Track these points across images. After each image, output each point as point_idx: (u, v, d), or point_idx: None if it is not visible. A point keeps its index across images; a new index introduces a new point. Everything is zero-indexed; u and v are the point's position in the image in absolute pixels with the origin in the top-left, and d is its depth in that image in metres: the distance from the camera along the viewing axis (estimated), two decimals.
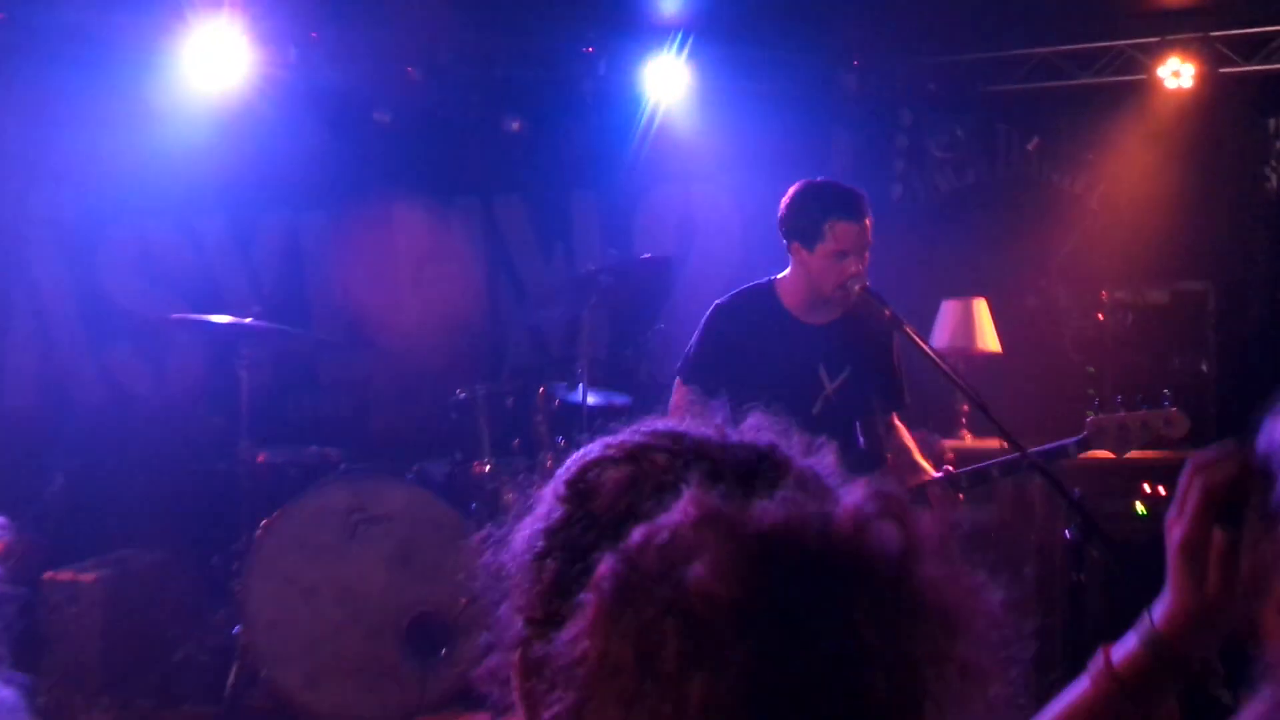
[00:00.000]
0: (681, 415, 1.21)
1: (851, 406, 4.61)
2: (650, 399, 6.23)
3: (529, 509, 1.19)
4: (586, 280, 6.38)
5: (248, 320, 6.43)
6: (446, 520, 6.21)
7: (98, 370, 7.84)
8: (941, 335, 7.26)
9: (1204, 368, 7.22)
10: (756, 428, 1.21)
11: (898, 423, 4.76)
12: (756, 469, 1.14)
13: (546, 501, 1.19)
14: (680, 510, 1.04)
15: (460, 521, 6.22)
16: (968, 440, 7.10)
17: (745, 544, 1.00)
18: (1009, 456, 4.09)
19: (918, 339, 4.23)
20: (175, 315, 6.78)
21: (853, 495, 1.06)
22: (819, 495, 1.08)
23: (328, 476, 6.43)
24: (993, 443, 5.81)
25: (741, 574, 0.98)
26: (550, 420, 6.59)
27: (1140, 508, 5.92)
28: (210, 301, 7.23)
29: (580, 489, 1.16)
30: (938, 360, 4.15)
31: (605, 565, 1.03)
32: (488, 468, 6.61)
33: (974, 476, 4.32)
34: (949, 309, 7.35)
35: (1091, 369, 7.32)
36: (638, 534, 1.03)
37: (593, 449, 1.21)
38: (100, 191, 7.47)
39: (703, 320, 4.69)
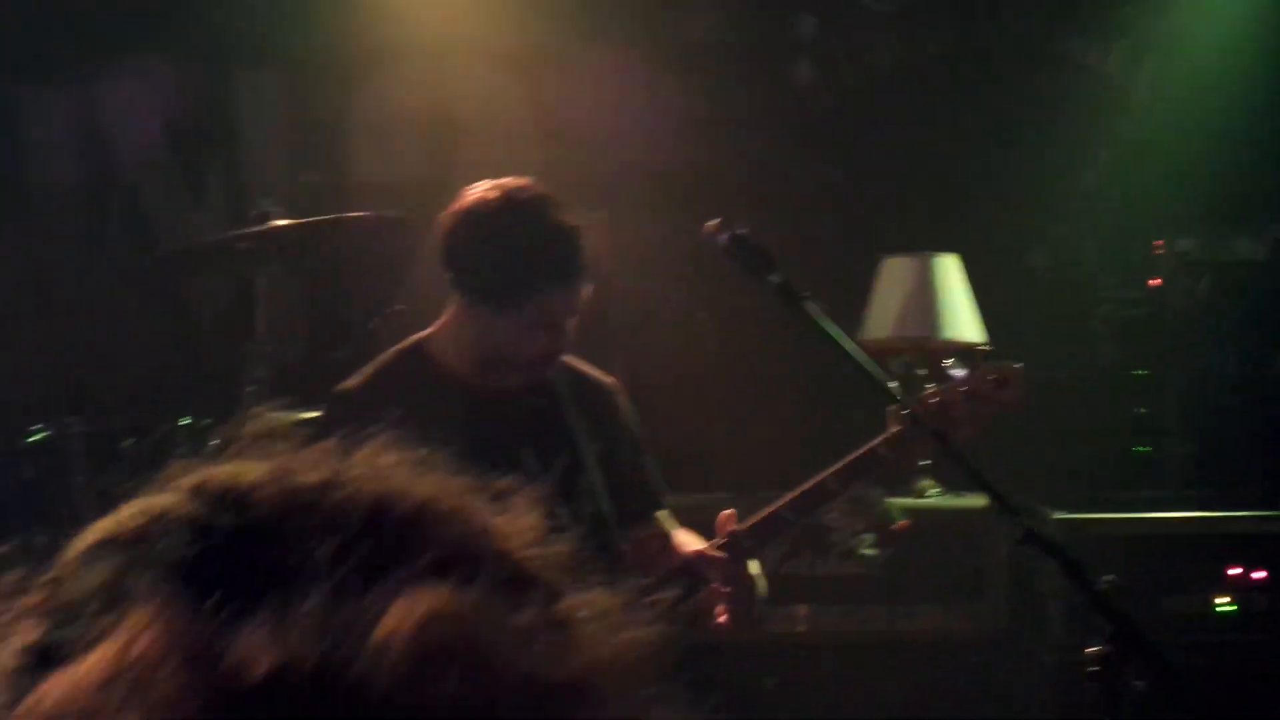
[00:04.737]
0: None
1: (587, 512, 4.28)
2: None
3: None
4: (262, 229, 5.22)
5: None
6: None
7: None
8: (881, 318, 6.24)
9: None
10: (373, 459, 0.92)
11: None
12: (299, 549, 0.85)
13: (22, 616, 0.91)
14: (120, 635, 0.81)
15: None
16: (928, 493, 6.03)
17: (213, 697, 0.79)
18: (806, 485, 4.06)
19: (831, 330, 3.97)
20: None
21: (404, 614, 0.81)
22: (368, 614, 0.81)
23: None
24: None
25: None
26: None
27: (1223, 602, 5.45)
28: None
29: (56, 595, 0.89)
30: (861, 360, 3.99)
31: None
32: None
33: (762, 527, 4.17)
34: (894, 272, 6.30)
35: (1142, 371, 6.73)
36: (52, 683, 0.81)
37: (108, 519, 0.91)
38: None
39: (321, 422, 4.16)
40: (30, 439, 5.31)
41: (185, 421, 5.30)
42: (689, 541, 4.41)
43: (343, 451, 0.95)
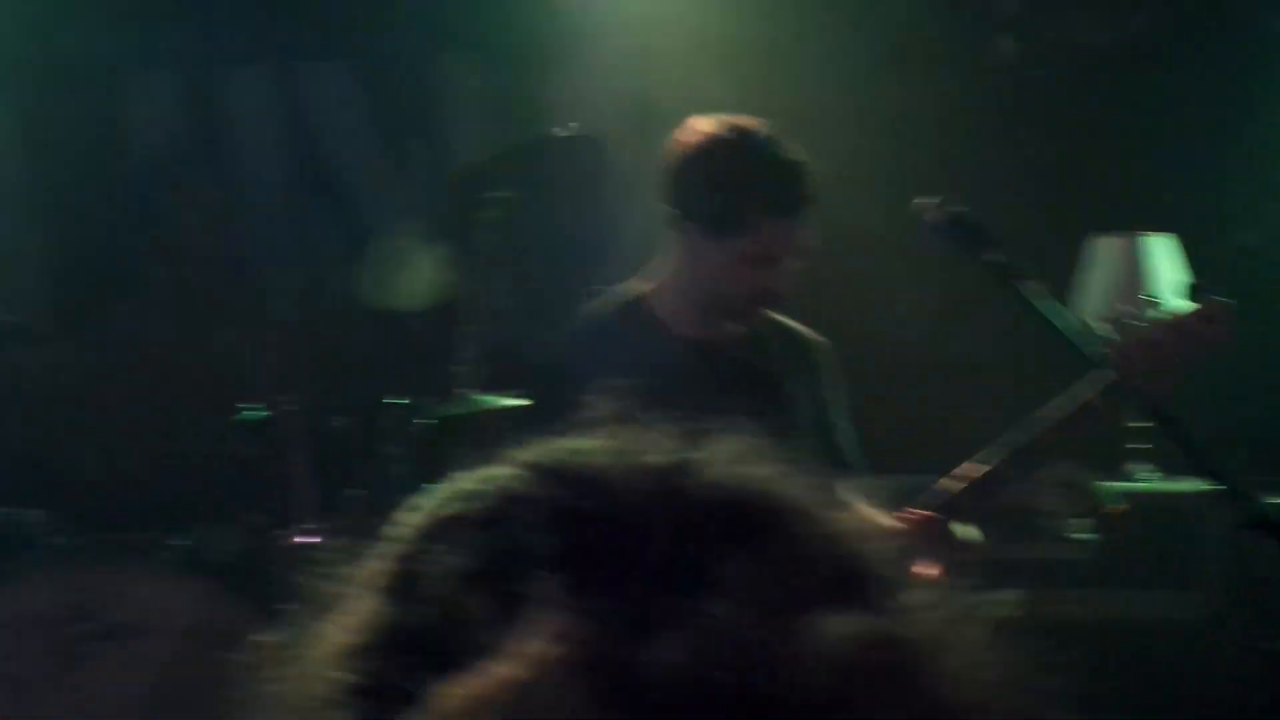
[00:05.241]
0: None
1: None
2: None
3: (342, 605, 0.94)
4: (471, 197, 5.26)
5: None
6: (237, 634, 4.70)
7: None
8: (1091, 299, 6.16)
9: None
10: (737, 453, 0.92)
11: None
12: (706, 544, 0.85)
13: (360, 597, 0.93)
14: (528, 648, 0.81)
15: (266, 635, 4.35)
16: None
17: (631, 703, 0.78)
18: (1020, 441, 3.95)
19: (1049, 309, 3.85)
20: None
21: (840, 623, 0.81)
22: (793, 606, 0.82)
23: (23, 558, 5.20)
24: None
25: None
26: (414, 452, 5.33)
27: None
28: None
29: (407, 577, 0.90)
30: (1079, 343, 3.85)
31: None
32: (307, 538, 5.23)
33: (979, 490, 4.08)
34: (1105, 252, 6.22)
35: None
36: (448, 691, 0.81)
37: (442, 498, 0.94)
38: None
39: (539, 365, 4.42)
40: (246, 418, 5.40)
41: (397, 401, 5.32)
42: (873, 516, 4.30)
43: (679, 435, 0.95)
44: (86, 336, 6.02)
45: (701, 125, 4.12)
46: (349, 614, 0.94)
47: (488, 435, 5.17)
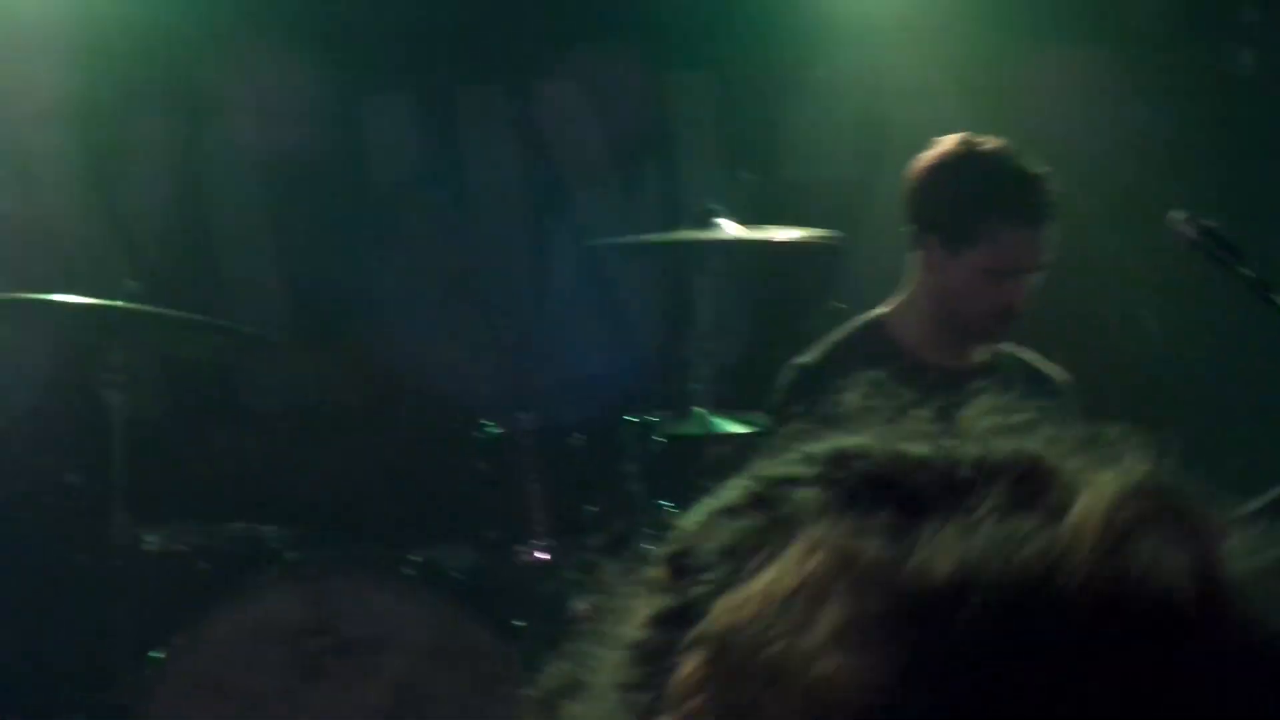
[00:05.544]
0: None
1: None
2: None
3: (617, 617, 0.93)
4: (703, 224, 5.22)
5: (119, 304, 5.10)
6: (474, 649, 5.03)
7: None
8: None
9: None
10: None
11: None
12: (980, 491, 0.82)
13: (638, 599, 0.92)
14: (790, 557, 0.81)
15: (498, 650, 4.99)
16: None
17: (898, 604, 0.77)
18: None
19: None
20: None
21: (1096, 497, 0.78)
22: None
23: (264, 574, 5.19)
24: None
25: (888, 656, 0.75)
26: (649, 470, 5.29)
27: None
28: (51, 274, 5.77)
29: (681, 565, 0.89)
30: None
31: (686, 668, 0.82)
32: (543, 555, 5.30)
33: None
34: None
35: None
36: (721, 606, 0.81)
37: (718, 495, 0.93)
38: None
39: (776, 395, 4.39)
40: (483, 434, 5.42)
41: (632, 419, 5.34)
42: None
43: (939, 423, 0.94)
44: (326, 352, 6.09)
45: (943, 142, 4.15)
46: (629, 617, 0.93)
47: (723, 456, 5.15)
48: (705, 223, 5.21)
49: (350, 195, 6.55)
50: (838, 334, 4.48)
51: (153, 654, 4.92)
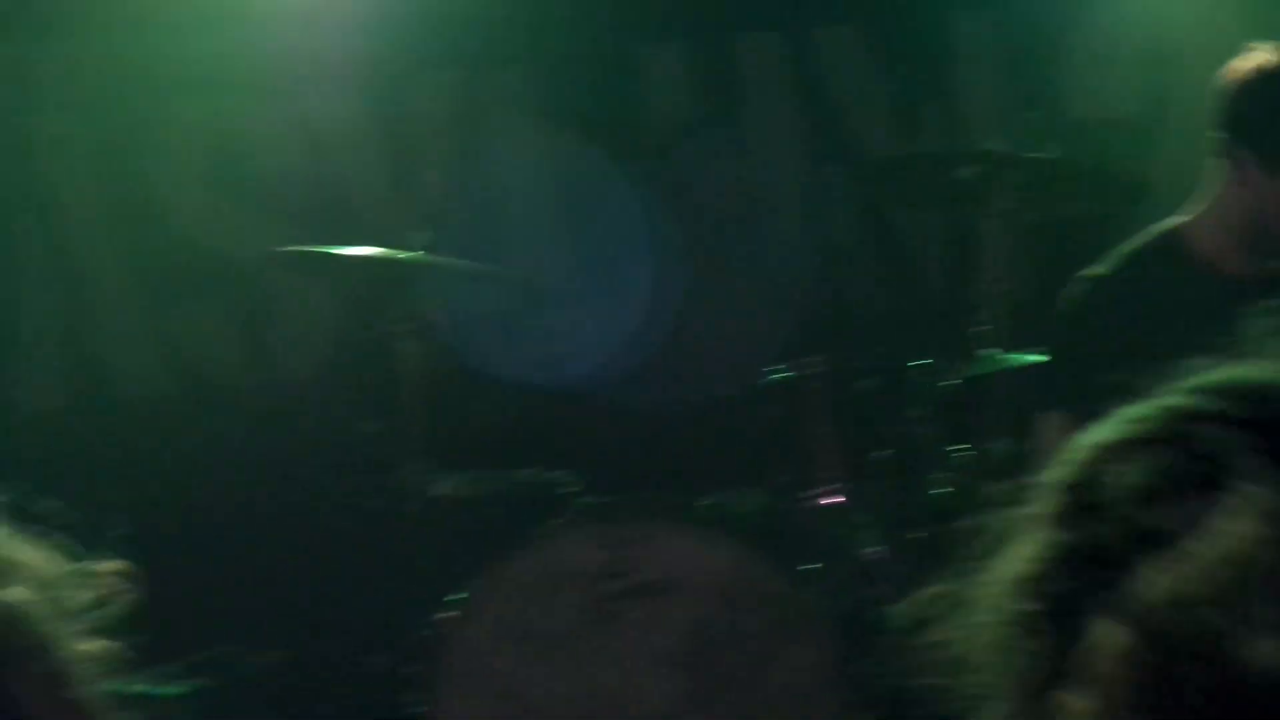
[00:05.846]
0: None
1: None
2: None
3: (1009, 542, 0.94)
4: (986, 165, 5.11)
5: (409, 255, 5.19)
6: (767, 593, 4.97)
7: (157, 349, 6.58)
8: None
9: None
10: None
11: None
12: None
13: (1024, 529, 0.94)
14: (1227, 522, 0.81)
15: (792, 594, 4.94)
16: None
17: None
18: None
19: None
20: (280, 249, 5.62)
21: None
22: None
23: (559, 519, 5.15)
24: None
25: None
26: (940, 413, 5.24)
27: None
28: (339, 227, 5.87)
29: (1081, 502, 0.90)
30: None
31: (1110, 637, 0.82)
32: (834, 499, 5.24)
33: None
34: None
35: None
36: (1148, 577, 0.82)
37: (1100, 431, 0.93)
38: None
39: (1067, 308, 4.30)
40: (773, 379, 5.39)
41: (920, 363, 5.29)
42: None
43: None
44: (607, 300, 6.12)
45: (1264, 53, 3.99)
46: (1020, 548, 0.93)
47: (1012, 393, 5.11)
48: (985, 161, 5.15)
49: (629, 145, 6.54)
50: (1131, 244, 4.36)
51: (450, 597, 5.01)
